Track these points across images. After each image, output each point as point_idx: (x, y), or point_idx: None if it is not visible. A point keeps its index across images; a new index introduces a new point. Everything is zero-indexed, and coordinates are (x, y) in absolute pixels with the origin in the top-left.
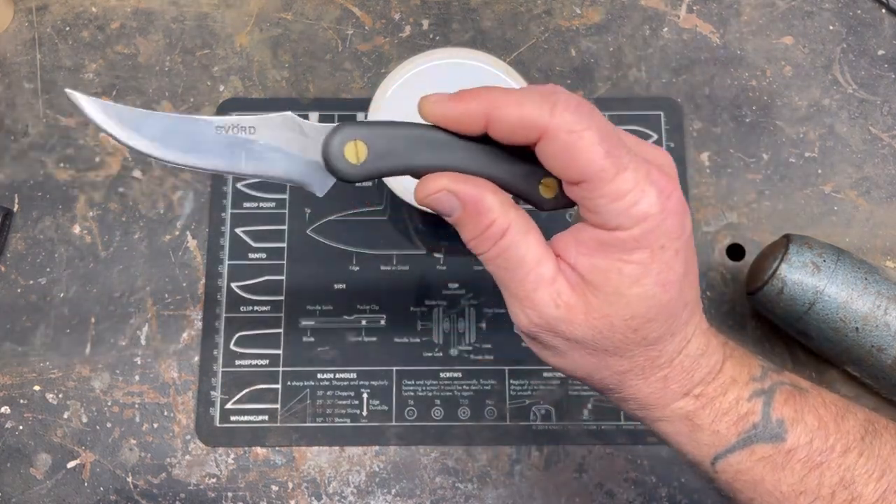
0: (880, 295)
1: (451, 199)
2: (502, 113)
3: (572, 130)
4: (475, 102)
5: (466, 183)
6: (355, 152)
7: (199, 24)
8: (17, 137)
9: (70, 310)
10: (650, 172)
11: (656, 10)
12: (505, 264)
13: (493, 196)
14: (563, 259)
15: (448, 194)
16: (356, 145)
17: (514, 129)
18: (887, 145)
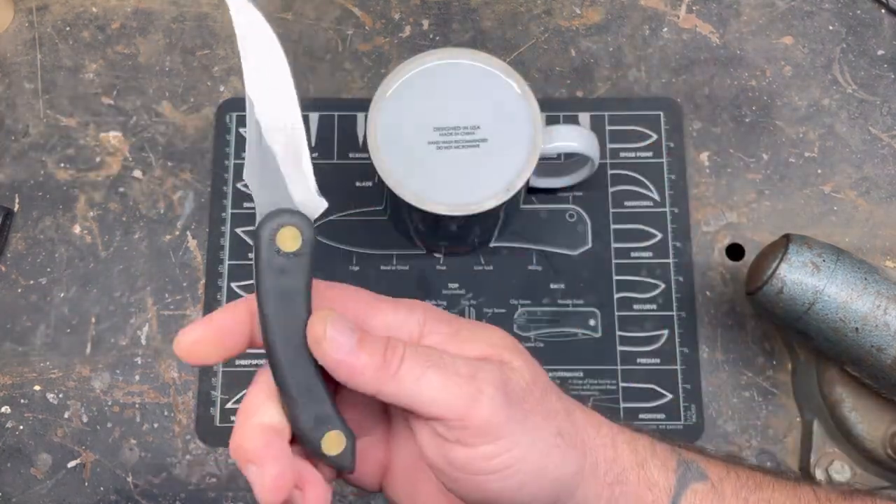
0: (880, 295)
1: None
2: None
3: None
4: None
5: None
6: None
7: (199, 24)
8: (18, 137)
9: (70, 310)
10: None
11: (656, 10)
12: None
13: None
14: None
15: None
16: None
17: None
18: (887, 145)
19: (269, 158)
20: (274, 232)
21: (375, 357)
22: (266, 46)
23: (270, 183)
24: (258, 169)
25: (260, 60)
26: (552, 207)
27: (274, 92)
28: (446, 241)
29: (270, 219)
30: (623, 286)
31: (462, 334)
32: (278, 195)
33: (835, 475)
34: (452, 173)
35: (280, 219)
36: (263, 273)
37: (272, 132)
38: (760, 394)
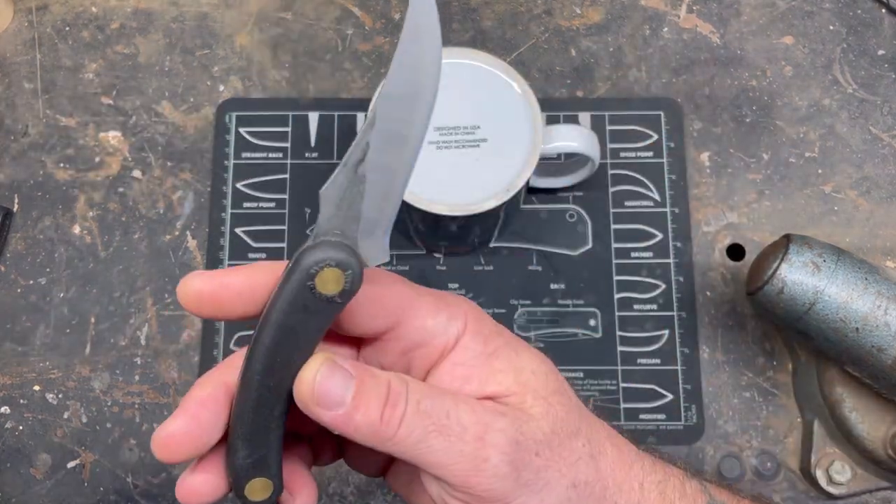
0: (880, 295)
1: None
2: None
3: None
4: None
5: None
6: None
7: (198, 24)
8: (17, 137)
9: (70, 310)
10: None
11: (656, 10)
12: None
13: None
14: None
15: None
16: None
17: None
18: (887, 145)
19: (358, 185)
20: (317, 267)
21: (372, 415)
22: (428, 67)
23: (344, 211)
24: (339, 191)
25: (412, 92)
26: (552, 207)
27: (408, 114)
28: (446, 241)
29: (320, 249)
30: (623, 286)
31: (496, 361)
32: (345, 226)
33: (835, 475)
34: (452, 173)
35: (331, 254)
36: (281, 303)
37: (376, 160)
38: (761, 394)
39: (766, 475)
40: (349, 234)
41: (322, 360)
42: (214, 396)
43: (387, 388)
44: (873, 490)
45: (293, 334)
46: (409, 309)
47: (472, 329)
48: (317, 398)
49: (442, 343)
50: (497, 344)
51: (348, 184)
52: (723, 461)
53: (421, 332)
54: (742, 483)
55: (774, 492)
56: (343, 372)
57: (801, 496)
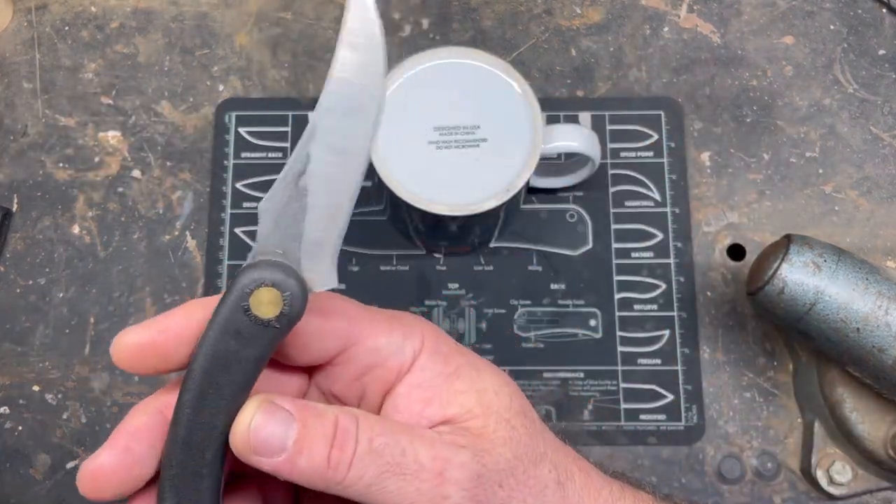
0: (881, 295)
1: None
2: None
3: None
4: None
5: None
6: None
7: (198, 23)
8: (17, 137)
9: (69, 310)
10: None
11: (657, 9)
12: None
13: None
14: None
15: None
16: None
17: None
18: (888, 145)
19: (298, 200)
20: (252, 287)
21: (317, 459)
22: (370, 70)
23: (284, 228)
24: (278, 206)
25: (349, 80)
26: (552, 207)
27: (349, 128)
28: (446, 241)
29: (256, 269)
30: (624, 286)
31: (457, 382)
32: (286, 246)
33: (836, 476)
34: (452, 173)
35: (267, 274)
36: (214, 328)
37: (318, 173)
38: (761, 394)
39: (767, 475)
40: (291, 253)
41: (258, 403)
42: (149, 426)
43: (333, 428)
44: (874, 490)
45: (226, 364)
46: (359, 330)
47: (429, 348)
48: (254, 446)
49: (397, 364)
50: (458, 363)
51: (288, 198)
52: (723, 461)
53: (374, 354)
54: (743, 483)
55: (775, 492)
56: (283, 414)
57: (801, 497)
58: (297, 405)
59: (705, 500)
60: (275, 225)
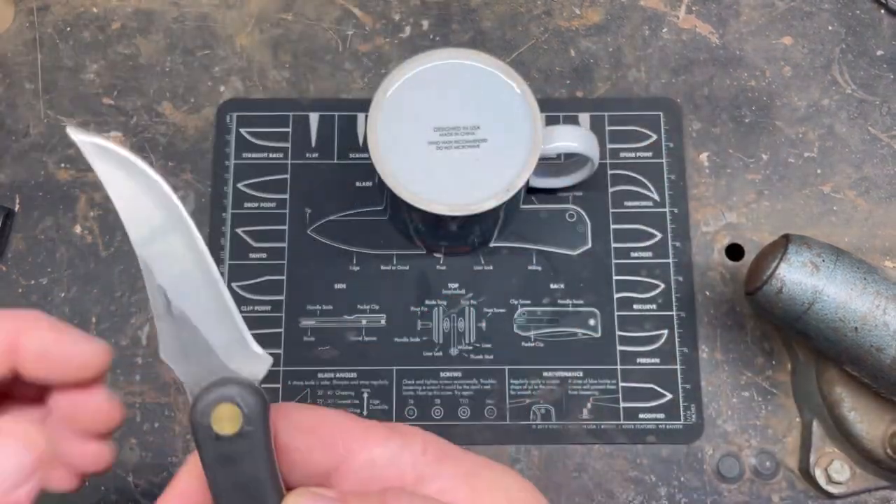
0: (879, 295)
1: None
2: None
3: None
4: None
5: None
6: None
7: (199, 24)
8: (18, 138)
9: (71, 310)
10: None
11: (655, 10)
12: None
13: None
14: None
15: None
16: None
17: None
18: (886, 145)
19: (185, 324)
20: (207, 414)
21: None
22: (139, 188)
23: (194, 354)
24: (175, 341)
25: (137, 211)
26: (552, 207)
27: (169, 243)
28: (446, 241)
29: (201, 398)
30: (623, 286)
31: (480, 480)
32: (208, 365)
33: (834, 475)
34: (452, 173)
35: (211, 395)
36: (207, 467)
37: (180, 293)
38: (760, 393)
39: (765, 475)
40: (216, 367)
41: (299, 494)
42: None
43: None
44: (872, 489)
45: (244, 490)
46: (351, 442)
47: (434, 451)
48: None
49: (397, 476)
50: (473, 462)
51: (178, 330)
52: (722, 461)
53: (370, 467)
54: (741, 482)
55: (773, 491)
56: (326, 501)
57: (799, 496)
58: (340, 493)
59: (704, 498)
60: (187, 359)
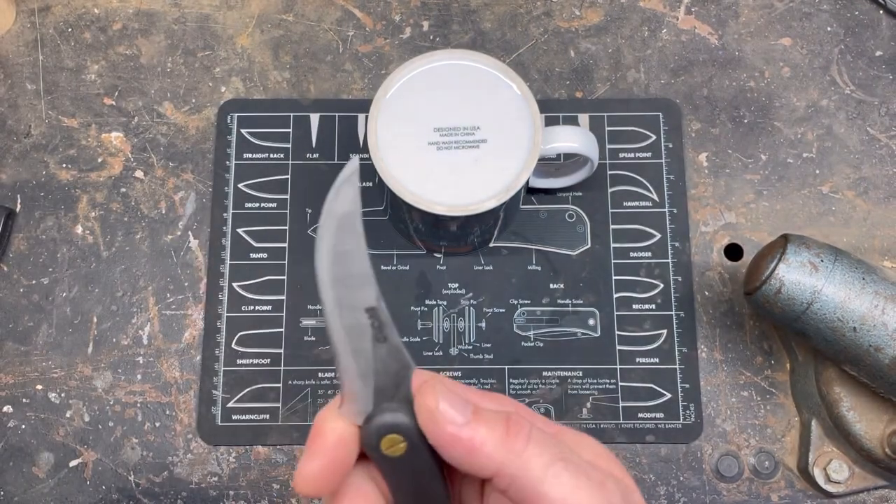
0: (878, 295)
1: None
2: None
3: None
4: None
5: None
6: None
7: (200, 25)
8: (20, 138)
9: (72, 309)
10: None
11: (655, 11)
12: None
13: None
14: None
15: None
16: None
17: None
18: (885, 146)
19: (394, 346)
20: (375, 442)
21: (496, 430)
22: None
23: (389, 372)
24: (379, 363)
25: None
26: (552, 208)
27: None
28: (446, 241)
29: (368, 429)
30: (622, 286)
31: (566, 437)
32: (394, 381)
33: (833, 474)
34: (452, 173)
35: (376, 424)
36: (384, 476)
37: (383, 310)
38: (759, 393)
39: (764, 474)
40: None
41: (436, 380)
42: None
43: (506, 413)
44: (871, 489)
45: (420, 489)
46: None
47: (525, 413)
48: (441, 413)
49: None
50: (557, 427)
51: (386, 355)
52: (721, 460)
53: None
54: (740, 481)
55: (772, 490)
56: (459, 394)
57: (798, 495)
58: (474, 404)
59: (703, 498)
60: (367, 380)
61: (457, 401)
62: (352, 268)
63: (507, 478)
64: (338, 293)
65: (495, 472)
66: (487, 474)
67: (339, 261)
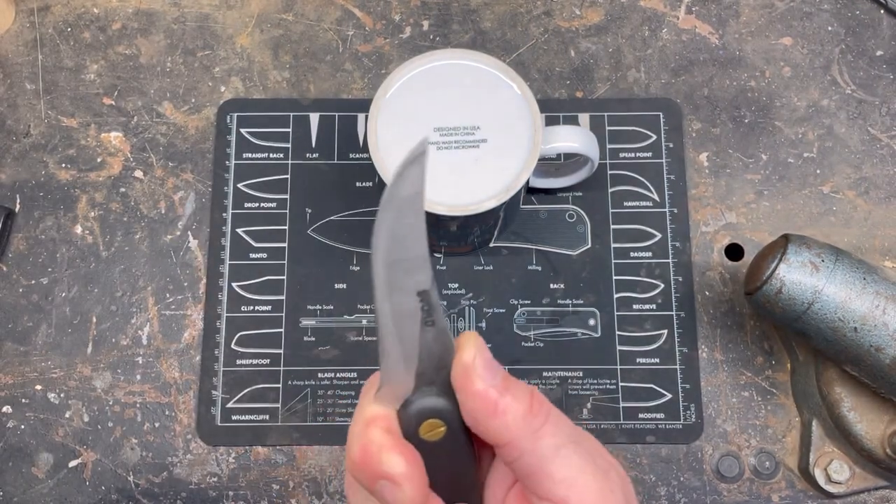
0: (879, 295)
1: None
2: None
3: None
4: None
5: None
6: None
7: (200, 24)
8: (19, 138)
9: (71, 309)
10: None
11: (655, 11)
12: None
13: None
14: None
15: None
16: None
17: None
18: (886, 146)
19: (441, 330)
20: (413, 427)
21: (522, 402)
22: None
23: (426, 359)
24: (427, 347)
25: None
26: (552, 207)
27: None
28: (446, 241)
29: (406, 412)
30: (622, 286)
31: (583, 441)
32: (440, 361)
33: (833, 474)
34: (452, 173)
35: (415, 408)
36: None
37: (433, 294)
38: (759, 393)
39: (765, 474)
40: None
41: (477, 337)
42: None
43: (531, 389)
44: (871, 489)
45: (455, 463)
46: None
47: (539, 408)
48: (478, 369)
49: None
50: (579, 431)
51: (432, 339)
52: (721, 460)
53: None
54: (741, 482)
55: (773, 491)
56: (496, 363)
57: (799, 495)
58: (504, 371)
59: (703, 498)
60: (409, 361)
61: (492, 363)
62: (408, 251)
63: (517, 450)
64: (390, 276)
65: (508, 442)
66: (500, 442)
67: (396, 243)
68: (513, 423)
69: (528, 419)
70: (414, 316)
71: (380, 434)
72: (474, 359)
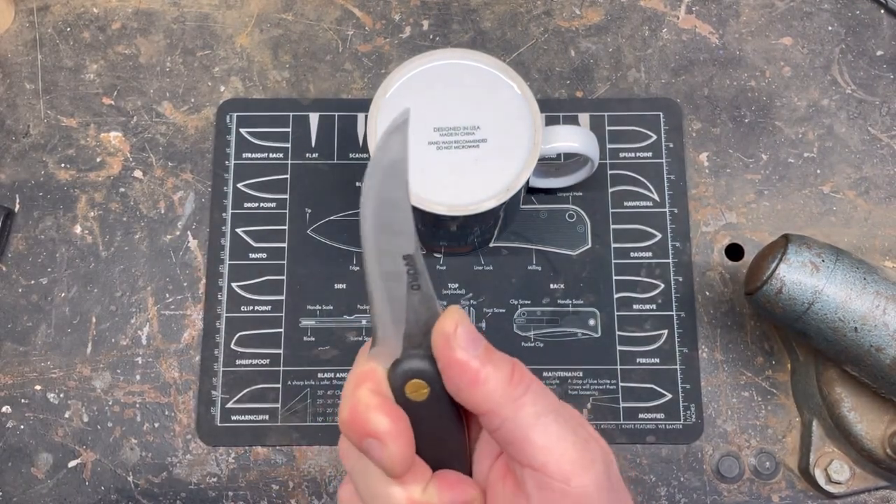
0: (879, 295)
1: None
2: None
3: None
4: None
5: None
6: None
7: (199, 24)
8: (19, 138)
9: (71, 309)
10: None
11: (655, 10)
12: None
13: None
14: None
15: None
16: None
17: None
18: (886, 146)
19: (427, 294)
20: (400, 386)
21: (502, 372)
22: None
23: (413, 319)
24: (412, 312)
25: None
26: (552, 207)
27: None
28: (446, 241)
29: (394, 373)
30: (622, 286)
31: (564, 411)
32: (424, 324)
33: (834, 474)
34: (452, 173)
35: (402, 370)
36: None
37: (419, 258)
38: (760, 393)
39: (765, 474)
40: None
41: (460, 312)
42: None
43: (512, 360)
44: (872, 489)
45: (439, 429)
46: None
47: (520, 378)
48: (456, 339)
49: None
50: (560, 402)
51: (418, 303)
52: (721, 460)
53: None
54: (741, 482)
55: (773, 491)
56: (478, 334)
57: (799, 495)
58: (486, 342)
59: (703, 498)
60: (398, 323)
61: (474, 334)
62: (394, 215)
63: (498, 418)
64: (378, 239)
65: (488, 410)
66: (481, 410)
67: (382, 207)
68: (493, 392)
69: (508, 389)
70: (401, 279)
71: (368, 394)
72: (456, 328)
